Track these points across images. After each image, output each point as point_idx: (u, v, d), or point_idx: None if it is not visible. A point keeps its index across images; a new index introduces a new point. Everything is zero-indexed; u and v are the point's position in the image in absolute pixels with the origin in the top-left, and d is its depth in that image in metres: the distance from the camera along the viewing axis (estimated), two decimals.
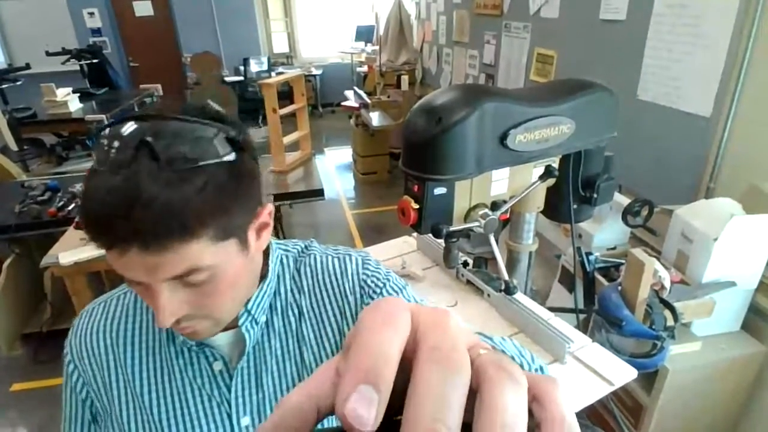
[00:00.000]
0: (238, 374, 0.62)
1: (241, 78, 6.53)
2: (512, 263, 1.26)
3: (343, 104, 4.89)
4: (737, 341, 1.55)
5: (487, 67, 3.81)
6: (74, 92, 3.76)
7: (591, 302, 1.59)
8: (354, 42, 6.96)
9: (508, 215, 1.15)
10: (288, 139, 2.59)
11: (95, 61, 4.28)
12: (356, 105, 4.55)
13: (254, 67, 6.58)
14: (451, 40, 4.52)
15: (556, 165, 1.08)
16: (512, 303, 1.15)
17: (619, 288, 1.45)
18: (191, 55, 6.31)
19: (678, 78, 1.92)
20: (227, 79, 6.52)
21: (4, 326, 2.39)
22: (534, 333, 1.09)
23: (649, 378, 1.50)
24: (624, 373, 1.01)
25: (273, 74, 6.21)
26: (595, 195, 1.15)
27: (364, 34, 6.73)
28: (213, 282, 0.52)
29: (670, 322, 1.38)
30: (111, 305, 0.66)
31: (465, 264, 1.31)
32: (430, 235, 0.95)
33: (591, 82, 1.05)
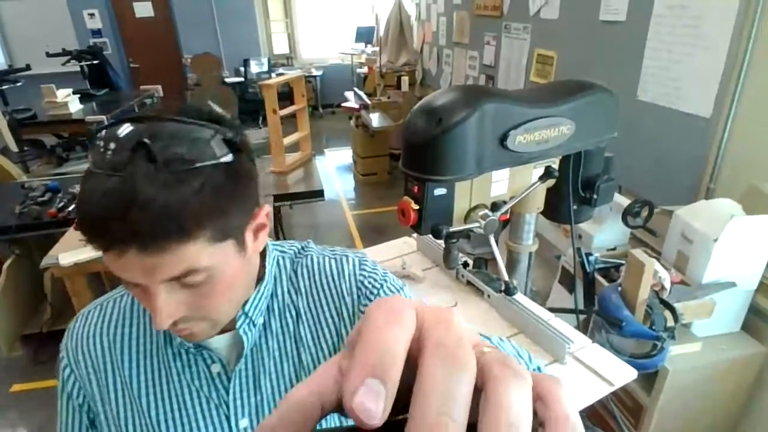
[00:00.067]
0: (236, 376, 0.62)
1: (242, 79, 6.54)
2: (512, 264, 1.26)
3: (344, 105, 4.89)
4: (737, 342, 1.55)
5: (487, 68, 3.81)
6: (74, 93, 3.75)
7: (591, 303, 1.59)
8: (354, 43, 6.96)
9: (508, 216, 1.15)
10: (288, 140, 2.59)
11: (95, 62, 4.28)
12: (356, 106, 4.55)
13: (254, 68, 6.59)
14: (451, 41, 4.53)
15: (556, 166, 1.08)
16: (512, 304, 1.15)
17: (619, 289, 1.45)
18: (191, 56, 6.33)
19: (678, 79, 1.92)
20: (227, 80, 6.52)
21: (4, 327, 2.39)
22: (534, 333, 1.09)
23: (649, 378, 1.50)
24: (624, 374, 1.01)
25: (273, 75, 6.22)
26: (595, 196, 1.15)
27: (365, 35, 6.73)
28: (210, 283, 0.52)
29: (670, 323, 1.39)
30: (107, 308, 0.66)
31: (465, 265, 1.31)
32: (430, 236, 0.95)
33: (591, 83, 1.05)
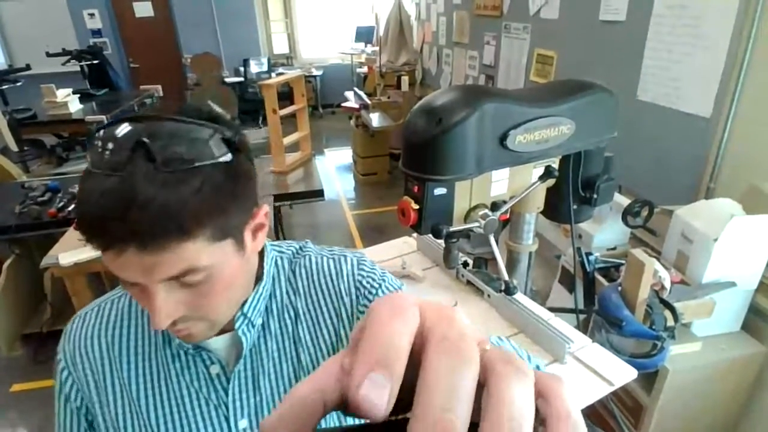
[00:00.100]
0: (236, 377, 0.62)
1: (242, 79, 6.54)
2: (512, 263, 1.26)
3: (343, 105, 4.89)
4: (737, 342, 1.55)
5: (487, 68, 3.81)
6: (74, 93, 3.75)
7: (591, 302, 1.59)
8: (354, 43, 6.96)
9: (508, 216, 1.15)
10: (288, 140, 2.59)
11: (95, 62, 4.28)
12: (356, 106, 4.55)
13: (254, 68, 6.59)
14: (451, 41, 4.53)
15: (556, 165, 1.08)
16: (512, 303, 1.15)
17: (619, 288, 1.45)
18: (191, 56, 6.33)
19: (678, 78, 1.92)
20: (227, 80, 6.52)
21: (4, 327, 2.39)
22: (534, 333, 1.09)
23: (649, 378, 1.50)
24: (624, 374, 1.01)
25: (273, 75, 6.22)
26: (595, 195, 1.15)
27: (364, 35, 6.73)
28: (209, 282, 0.52)
29: (670, 323, 1.39)
30: (105, 309, 0.66)
31: (465, 264, 1.31)
32: (430, 236, 0.95)
33: (591, 83, 1.05)
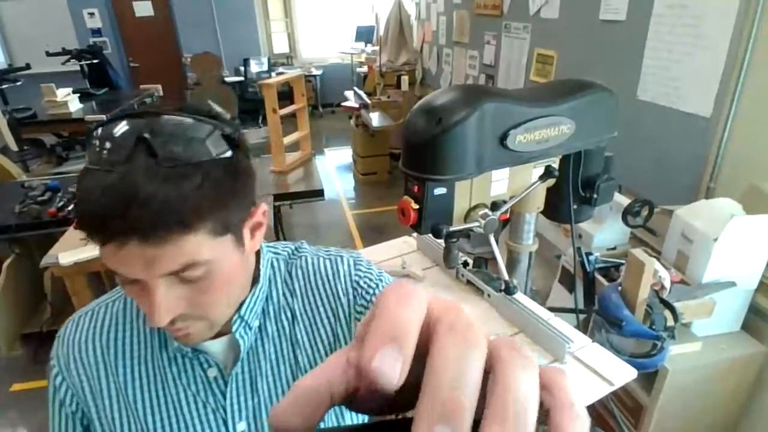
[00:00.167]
0: (233, 380, 0.61)
1: (242, 78, 6.54)
2: (512, 263, 1.26)
3: (343, 105, 4.89)
4: (737, 341, 1.55)
5: (487, 68, 3.81)
6: (74, 92, 3.76)
7: (591, 302, 1.59)
8: (354, 42, 6.96)
9: (508, 215, 1.15)
10: (288, 140, 2.59)
11: (95, 62, 4.29)
12: (356, 105, 4.55)
13: (254, 68, 6.59)
14: (451, 41, 4.52)
15: (556, 165, 1.08)
16: (512, 303, 1.15)
17: (619, 288, 1.45)
18: (191, 56, 6.33)
19: (678, 78, 1.92)
20: (227, 80, 6.52)
21: (4, 326, 2.39)
22: (534, 333, 1.09)
23: (649, 378, 1.50)
24: (624, 373, 1.01)
25: (273, 75, 6.22)
26: (595, 195, 1.15)
27: (364, 35, 6.73)
28: (209, 278, 0.51)
29: (670, 323, 1.38)
30: (99, 313, 0.65)
31: (465, 264, 1.31)
32: (430, 236, 0.95)
33: (591, 83, 1.04)
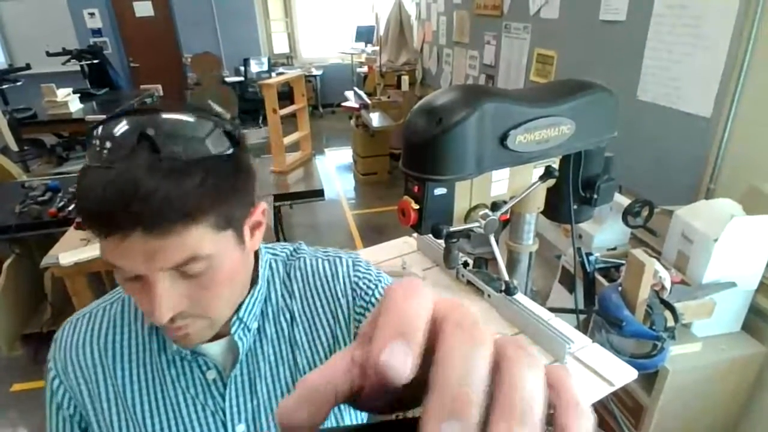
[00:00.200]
0: (232, 382, 0.61)
1: (242, 78, 6.54)
2: (512, 264, 1.26)
3: (344, 105, 4.89)
4: (737, 342, 1.55)
5: (488, 68, 3.81)
6: (75, 93, 3.76)
7: (591, 303, 1.59)
8: (354, 42, 6.96)
9: (509, 216, 1.15)
10: (288, 140, 2.59)
11: (96, 62, 4.29)
12: (356, 105, 4.55)
13: (254, 68, 6.59)
14: (452, 41, 4.53)
15: (557, 165, 1.08)
16: (512, 303, 1.15)
17: (620, 288, 1.45)
18: (191, 56, 6.33)
19: (678, 78, 1.92)
20: (227, 80, 6.52)
21: (5, 326, 2.39)
22: (534, 333, 1.09)
23: (650, 378, 1.50)
24: (624, 374, 1.01)
25: (273, 75, 6.22)
26: (596, 195, 1.15)
27: (365, 35, 6.73)
28: (210, 274, 0.51)
29: (671, 323, 1.38)
30: (97, 316, 0.64)
31: (465, 264, 1.31)
32: (431, 236, 0.95)
33: (591, 83, 1.04)
